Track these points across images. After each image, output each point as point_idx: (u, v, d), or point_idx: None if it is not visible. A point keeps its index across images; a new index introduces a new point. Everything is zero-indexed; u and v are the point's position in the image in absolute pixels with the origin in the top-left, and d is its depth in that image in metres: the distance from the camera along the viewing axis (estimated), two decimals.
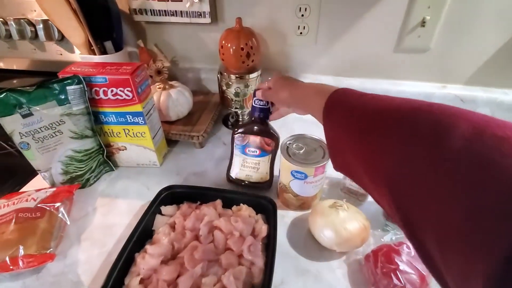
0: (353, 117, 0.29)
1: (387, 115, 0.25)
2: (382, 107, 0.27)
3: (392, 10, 0.64)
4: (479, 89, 0.71)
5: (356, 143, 0.28)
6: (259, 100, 0.50)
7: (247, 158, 0.55)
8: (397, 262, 0.39)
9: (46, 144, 0.52)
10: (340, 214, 0.44)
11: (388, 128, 0.25)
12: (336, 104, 0.32)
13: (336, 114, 0.32)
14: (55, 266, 0.45)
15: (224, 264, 0.42)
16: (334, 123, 0.32)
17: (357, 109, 0.29)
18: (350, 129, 0.29)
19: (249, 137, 0.53)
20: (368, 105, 0.28)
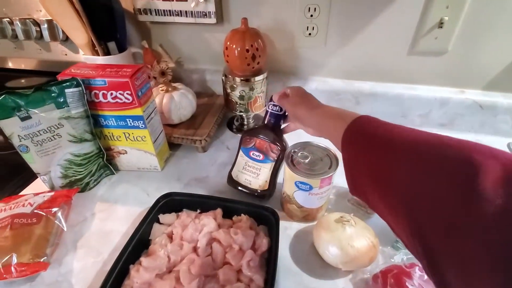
0: (376, 146, 0.29)
1: (413, 146, 0.26)
2: (408, 138, 0.27)
3: (407, 10, 0.60)
4: (500, 95, 0.66)
5: (377, 171, 0.28)
6: (274, 105, 0.49)
7: (249, 161, 0.53)
8: (408, 286, 0.36)
9: (45, 148, 0.51)
10: (347, 230, 0.41)
11: (414, 159, 0.25)
12: (358, 131, 0.32)
13: (358, 141, 0.32)
14: (50, 274, 0.44)
15: (221, 280, 0.40)
16: (354, 149, 0.32)
17: (381, 138, 0.29)
18: (371, 157, 0.29)
19: (256, 140, 0.52)
20: (393, 135, 0.28)
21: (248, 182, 0.54)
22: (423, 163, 0.24)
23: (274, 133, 0.50)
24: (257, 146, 0.52)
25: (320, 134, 0.42)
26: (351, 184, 0.33)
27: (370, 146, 0.30)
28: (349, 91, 0.72)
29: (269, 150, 0.51)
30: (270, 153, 0.51)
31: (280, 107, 0.49)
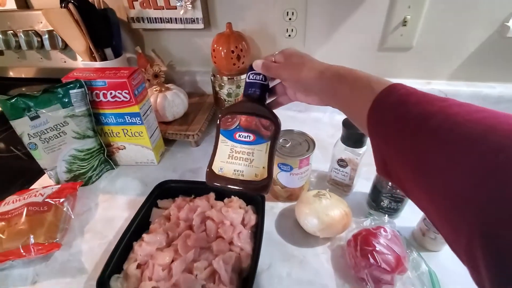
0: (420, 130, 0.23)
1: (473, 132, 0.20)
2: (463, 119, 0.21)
3: (374, 11, 0.68)
4: (463, 83, 0.73)
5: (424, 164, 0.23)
6: (256, 73, 0.40)
7: (236, 146, 0.40)
8: (374, 244, 0.41)
9: (51, 144, 0.56)
10: (323, 202, 0.48)
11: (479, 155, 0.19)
12: (391, 107, 0.26)
13: (392, 120, 0.25)
14: (61, 255, 0.49)
15: (215, 250, 0.45)
16: (387, 131, 0.26)
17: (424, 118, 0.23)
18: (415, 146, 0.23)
19: (240, 119, 0.40)
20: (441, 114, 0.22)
21: (240, 173, 0.40)
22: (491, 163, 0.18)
23: (261, 106, 0.40)
24: (243, 125, 0.40)
25: (331, 102, 0.34)
26: (380, 167, 0.29)
27: (414, 129, 0.23)
28: None
29: (260, 126, 0.39)
30: (263, 131, 0.39)
31: (263, 76, 0.40)
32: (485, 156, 0.19)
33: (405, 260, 0.41)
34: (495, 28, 0.65)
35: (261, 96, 0.40)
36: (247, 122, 0.40)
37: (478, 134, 0.19)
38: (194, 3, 0.70)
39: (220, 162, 0.40)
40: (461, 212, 0.20)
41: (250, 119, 0.40)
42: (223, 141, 0.40)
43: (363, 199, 0.56)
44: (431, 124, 0.22)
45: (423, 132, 0.23)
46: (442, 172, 0.21)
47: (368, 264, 0.40)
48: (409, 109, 0.24)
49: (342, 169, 0.55)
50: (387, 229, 0.43)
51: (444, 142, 0.21)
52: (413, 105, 0.24)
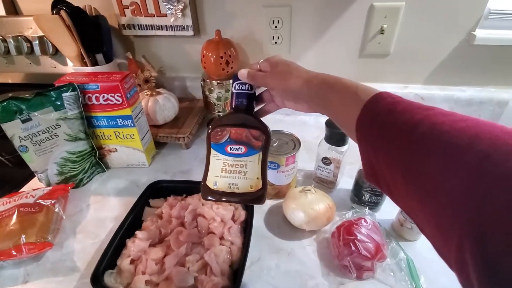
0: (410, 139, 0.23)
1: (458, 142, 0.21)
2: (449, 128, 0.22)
3: (354, 21, 0.73)
4: (437, 87, 0.79)
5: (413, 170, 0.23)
6: (242, 84, 0.40)
7: (228, 160, 0.40)
8: (356, 233, 0.44)
9: (43, 147, 0.57)
10: (308, 196, 0.50)
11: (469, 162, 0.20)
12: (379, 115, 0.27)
13: (380, 128, 0.26)
14: (53, 255, 0.50)
15: (206, 245, 0.47)
16: (375, 139, 0.27)
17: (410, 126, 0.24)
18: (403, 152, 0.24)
19: (229, 131, 0.40)
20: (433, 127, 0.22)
21: (235, 186, 0.40)
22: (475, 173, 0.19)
23: (250, 117, 0.40)
24: (234, 138, 0.40)
25: (319, 109, 0.35)
26: (369, 173, 0.29)
27: (400, 136, 0.24)
28: None
29: (251, 138, 0.40)
30: (253, 141, 0.40)
31: (249, 85, 0.40)
32: (472, 164, 0.19)
33: (384, 248, 0.44)
34: (463, 36, 0.72)
35: (248, 106, 0.40)
36: (237, 134, 0.40)
37: (465, 142, 0.20)
38: (184, 11, 0.73)
39: (214, 176, 0.40)
40: (451, 217, 0.20)
41: (240, 131, 0.40)
42: (214, 155, 0.40)
43: (346, 195, 0.59)
44: (418, 132, 0.23)
45: (410, 139, 0.23)
46: (432, 179, 0.22)
47: (350, 252, 0.43)
48: (396, 117, 0.25)
49: (326, 166, 0.58)
50: (367, 219, 0.47)
51: (432, 149, 0.22)
52: (399, 113, 0.25)
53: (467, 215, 0.19)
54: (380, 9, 0.70)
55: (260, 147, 0.40)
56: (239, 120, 0.40)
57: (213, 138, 0.40)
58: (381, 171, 0.27)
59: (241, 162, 0.40)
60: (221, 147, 0.40)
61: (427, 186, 0.22)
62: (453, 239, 0.20)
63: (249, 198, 0.39)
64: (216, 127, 0.40)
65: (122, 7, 0.75)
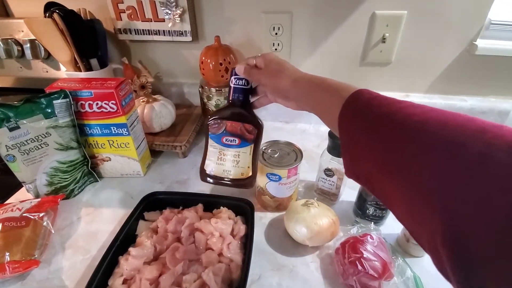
0: (385, 129, 0.25)
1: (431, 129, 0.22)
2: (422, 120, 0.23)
3: (355, 28, 0.72)
4: (438, 96, 0.78)
5: (389, 157, 0.25)
6: (239, 79, 0.43)
7: (224, 150, 0.47)
8: (362, 251, 0.42)
9: (31, 156, 0.54)
10: (311, 211, 0.48)
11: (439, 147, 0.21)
12: (359, 108, 0.29)
13: (360, 120, 0.28)
14: (40, 273, 0.46)
15: (204, 262, 0.45)
16: (353, 130, 0.29)
17: (388, 118, 0.25)
18: (380, 141, 0.26)
19: (226, 124, 0.45)
20: (404, 115, 0.24)
21: (228, 172, 0.48)
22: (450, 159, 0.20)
23: (245, 111, 0.45)
24: (229, 130, 0.45)
25: (306, 108, 0.38)
26: (349, 167, 0.31)
27: (377, 128, 0.26)
28: None
29: (245, 131, 0.45)
30: (247, 135, 0.45)
31: (246, 80, 0.43)
32: (442, 148, 0.21)
33: (391, 266, 0.42)
34: (465, 46, 0.71)
35: (244, 101, 0.44)
36: (233, 127, 0.45)
37: (435, 129, 0.22)
38: (182, 16, 0.71)
39: (211, 163, 0.48)
40: (424, 204, 0.22)
41: (235, 125, 0.45)
42: (212, 145, 0.47)
43: (349, 207, 0.57)
44: (393, 123, 0.25)
45: (386, 130, 0.25)
46: (407, 165, 0.23)
47: (356, 271, 0.41)
48: (374, 110, 0.27)
49: (329, 178, 0.56)
50: (373, 236, 0.45)
51: (406, 140, 0.24)
52: (377, 107, 0.27)
53: (438, 203, 0.20)
54: (382, 18, 0.69)
55: (252, 140, 0.45)
56: (235, 114, 0.45)
57: (211, 128, 0.46)
58: (360, 163, 0.29)
59: (235, 153, 0.46)
60: (218, 137, 0.46)
61: (403, 172, 0.23)
62: (425, 225, 0.21)
63: (240, 183, 0.47)
64: (214, 119, 0.46)
65: (118, 11, 0.73)
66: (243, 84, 0.44)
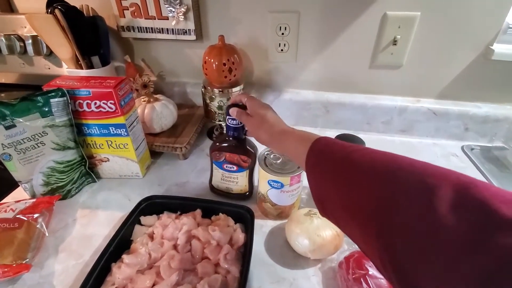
0: (338, 170, 0.30)
1: (373, 169, 0.27)
2: (366, 161, 0.28)
3: (365, 30, 0.69)
4: (451, 102, 0.75)
5: (343, 195, 0.29)
6: (232, 119, 0.49)
7: (225, 173, 0.56)
8: (367, 267, 0.40)
9: (28, 155, 0.52)
10: (314, 221, 0.46)
11: (375, 184, 0.26)
12: (319, 155, 0.34)
13: (320, 165, 0.33)
14: (31, 277, 0.45)
15: (200, 272, 0.43)
16: (318, 174, 0.33)
17: (341, 162, 0.30)
18: (335, 182, 0.30)
19: (225, 154, 0.54)
20: (353, 158, 0.29)
21: (230, 189, 0.59)
22: (385, 187, 0.25)
23: (240, 144, 0.52)
24: (228, 159, 0.54)
25: (284, 155, 0.45)
26: (319, 206, 0.34)
27: (333, 170, 0.31)
28: (319, 101, 0.79)
29: (240, 161, 0.54)
30: (242, 163, 0.54)
31: None
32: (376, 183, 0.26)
33: None
34: (481, 50, 0.67)
35: (239, 135, 0.51)
36: (231, 157, 0.54)
37: (366, 166, 0.28)
38: (186, 15, 0.70)
39: (217, 181, 0.59)
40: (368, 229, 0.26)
41: (233, 155, 0.54)
42: (215, 169, 0.57)
43: None
44: (341, 164, 0.31)
45: (336, 170, 0.31)
46: (356, 201, 0.27)
47: None
48: (328, 155, 0.33)
49: None
50: None
51: (348, 176, 0.29)
52: (330, 153, 0.33)
53: (376, 228, 0.25)
54: (394, 19, 0.66)
55: (247, 167, 0.55)
56: (231, 148, 0.53)
57: (214, 156, 0.55)
58: (327, 203, 0.33)
59: (234, 176, 0.56)
60: (219, 164, 0.56)
61: (354, 204, 0.28)
62: (373, 247, 0.25)
63: (239, 196, 0.59)
64: (215, 150, 0.54)
65: (122, 8, 0.72)
66: (236, 123, 0.49)
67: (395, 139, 0.79)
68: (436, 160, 0.71)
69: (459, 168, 0.69)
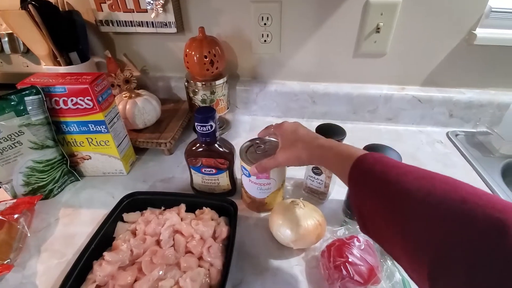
0: (388, 196, 0.28)
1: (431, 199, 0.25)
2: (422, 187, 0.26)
3: (348, 18, 0.68)
4: (435, 89, 0.75)
5: (394, 222, 0.27)
6: (202, 126, 0.48)
7: (205, 176, 0.55)
8: (347, 255, 0.40)
9: (5, 156, 0.51)
10: (297, 212, 0.46)
11: (434, 216, 0.24)
12: (366, 174, 0.32)
13: (366, 185, 0.31)
14: (14, 277, 0.45)
15: (183, 267, 0.42)
16: (361, 193, 0.32)
17: (393, 185, 0.28)
18: (383, 206, 0.29)
19: (201, 159, 0.52)
20: (406, 182, 0.27)
21: (213, 189, 0.57)
22: (444, 222, 0.23)
23: (214, 148, 0.51)
24: (205, 164, 0.53)
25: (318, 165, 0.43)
26: (360, 223, 0.33)
27: (382, 193, 0.29)
28: (306, 92, 0.78)
29: (218, 164, 0.52)
30: (220, 166, 0.53)
31: (210, 125, 0.48)
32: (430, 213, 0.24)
33: (378, 271, 0.40)
34: (463, 35, 0.67)
35: (212, 140, 0.50)
36: (207, 162, 0.53)
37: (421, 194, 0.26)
38: (165, 7, 0.68)
39: (197, 184, 0.57)
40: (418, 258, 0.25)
41: (209, 160, 0.52)
42: (194, 173, 0.56)
43: (339, 206, 0.55)
44: (390, 187, 0.28)
45: (384, 193, 0.29)
46: (401, 226, 0.27)
47: (341, 276, 0.39)
48: (376, 174, 0.30)
49: (317, 176, 0.54)
50: (360, 238, 0.42)
51: (398, 201, 0.27)
52: (378, 172, 0.30)
53: (428, 258, 0.23)
54: (376, 6, 0.65)
55: (226, 168, 0.53)
56: (206, 152, 0.51)
57: (190, 162, 0.54)
58: (370, 223, 0.32)
59: (214, 178, 0.55)
60: (197, 168, 0.54)
61: (400, 233, 0.27)
62: (424, 279, 0.24)
63: (224, 194, 0.58)
64: (190, 157, 0.53)
65: (99, 2, 0.70)
66: (207, 130, 0.48)
67: (381, 128, 0.79)
68: (421, 147, 0.72)
69: (444, 154, 0.70)
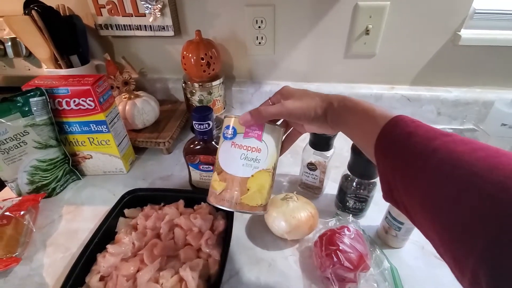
0: (423, 166, 0.24)
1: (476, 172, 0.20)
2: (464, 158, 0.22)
3: (339, 20, 0.71)
4: (423, 88, 0.78)
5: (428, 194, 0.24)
6: (200, 124, 0.48)
7: (203, 173, 0.56)
8: (338, 243, 0.43)
9: (11, 155, 0.53)
10: (290, 204, 0.48)
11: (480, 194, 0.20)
12: (395, 140, 0.27)
13: (397, 152, 0.27)
14: (22, 270, 0.47)
15: (182, 258, 0.45)
16: (392, 162, 0.27)
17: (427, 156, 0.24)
18: (418, 177, 0.24)
19: (199, 157, 0.54)
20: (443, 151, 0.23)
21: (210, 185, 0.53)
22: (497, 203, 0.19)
23: (211, 145, 0.52)
24: (203, 160, 0.54)
25: (340, 130, 0.35)
26: (387, 194, 0.29)
27: (416, 167, 0.25)
28: None
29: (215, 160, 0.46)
30: None
31: (207, 123, 0.48)
32: (489, 195, 0.19)
33: (367, 258, 0.42)
34: (449, 36, 0.70)
35: (209, 137, 0.51)
36: (205, 159, 0.53)
37: (483, 172, 0.20)
38: (163, 11, 0.71)
39: (195, 181, 0.58)
40: (466, 246, 0.20)
41: (207, 156, 0.53)
42: (192, 170, 0.56)
43: (332, 201, 0.58)
44: (436, 158, 0.23)
45: (428, 165, 0.24)
46: (448, 207, 0.22)
47: (332, 263, 0.41)
48: (415, 142, 0.25)
49: (312, 172, 0.56)
50: (350, 228, 0.45)
51: (449, 177, 0.22)
52: (419, 138, 0.25)
53: (481, 245, 0.19)
54: (365, 9, 0.68)
55: None
56: (204, 150, 0.53)
57: (188, 159, 0.55)
58: (398, 192, 0.27)
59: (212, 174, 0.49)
60: (195, 165, 0.55)
61: (443, 213, 0.22)
62: (467, 267, 0.20)
63: None
64: (188, 154, 0.54)
65: (99, 6, 0.72)
66: (204, 128, 0.49)
67: None
68: None
69: None
